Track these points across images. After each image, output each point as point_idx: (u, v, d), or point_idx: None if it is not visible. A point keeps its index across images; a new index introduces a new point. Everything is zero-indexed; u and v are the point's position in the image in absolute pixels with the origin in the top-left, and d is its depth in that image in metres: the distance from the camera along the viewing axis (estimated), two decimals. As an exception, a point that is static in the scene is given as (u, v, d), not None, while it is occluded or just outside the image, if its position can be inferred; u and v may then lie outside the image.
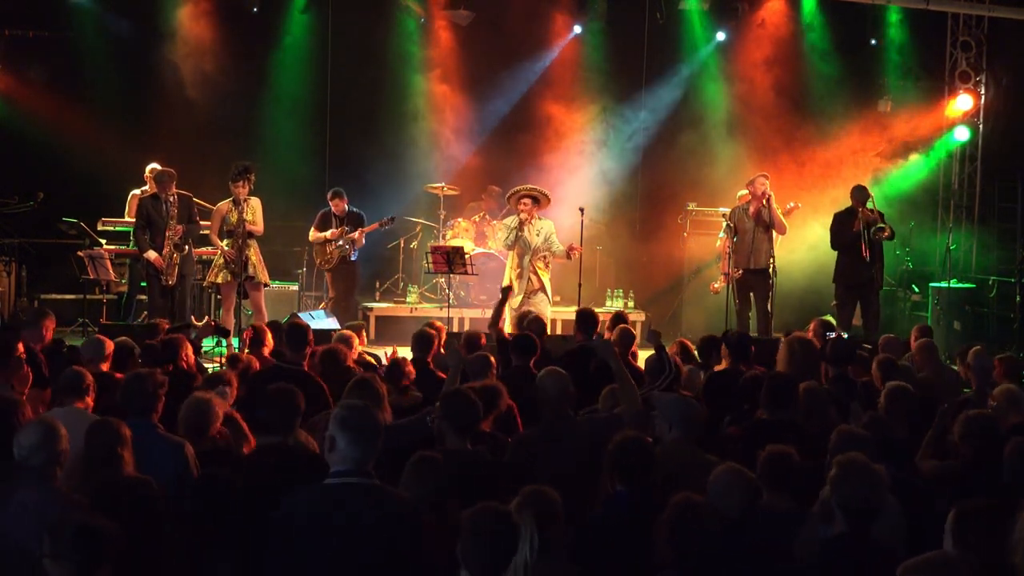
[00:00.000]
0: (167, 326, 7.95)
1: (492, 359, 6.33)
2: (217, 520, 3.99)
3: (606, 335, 7.76)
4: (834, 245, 11.15)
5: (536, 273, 10.35)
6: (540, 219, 10.41)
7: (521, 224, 10.30)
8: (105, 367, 6.30)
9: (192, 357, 6.82)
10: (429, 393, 6.16)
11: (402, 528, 3.71)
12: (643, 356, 7.08)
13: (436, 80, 13.87)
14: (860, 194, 10.97)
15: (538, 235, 10.29)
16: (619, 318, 8.27)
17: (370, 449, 3.78)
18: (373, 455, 3.79)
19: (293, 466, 4.43)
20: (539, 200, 10.45)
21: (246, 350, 7.21)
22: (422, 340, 7.09)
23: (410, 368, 6.73)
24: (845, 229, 10.91)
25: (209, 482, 4.14)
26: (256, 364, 6.76)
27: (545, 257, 10.40)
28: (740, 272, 11.01)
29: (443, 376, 6.40)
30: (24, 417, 4.49)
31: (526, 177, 12.87)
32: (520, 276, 10.33)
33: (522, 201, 10.38)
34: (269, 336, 7.34)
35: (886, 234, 10.87)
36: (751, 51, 14.01)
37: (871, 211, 10.89)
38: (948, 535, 3.41)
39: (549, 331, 11.46)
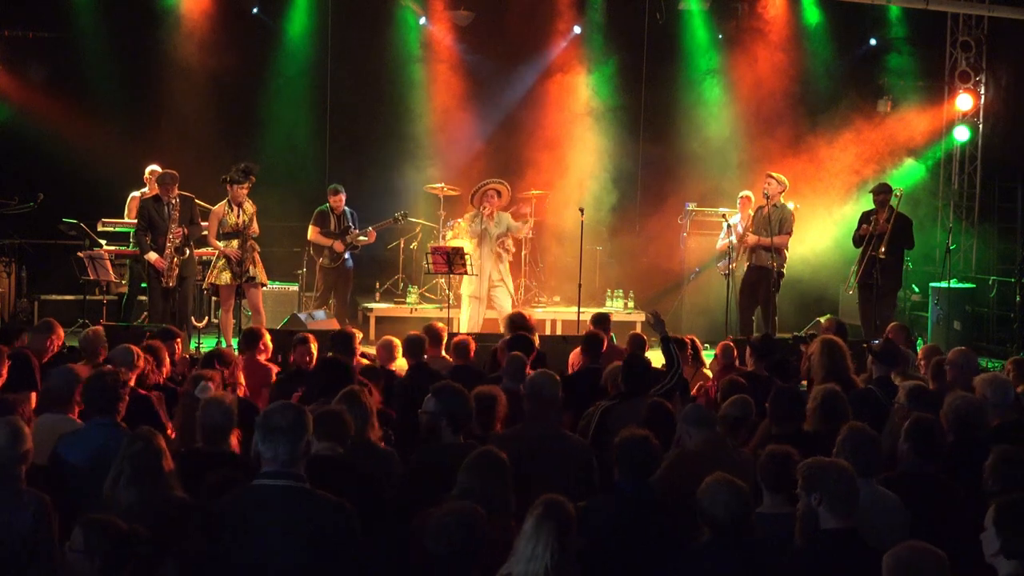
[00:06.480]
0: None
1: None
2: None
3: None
4: (856, 243, 11.15)
5: (496, 266, 11.08)
6: (498, 212, 11.19)
7: (486, 215, 11.05)
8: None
9: (168, 368, 6.51)
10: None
11: (328, 531, 3.68)
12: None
13: (436, 80, 13.86)
14: (878, 192, 10.94)
15: (497, 226, 11.12)
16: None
17: (291, 449, 3.74)
18: (297, 456, 3.76)
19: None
20: (501, 193, 11.24)
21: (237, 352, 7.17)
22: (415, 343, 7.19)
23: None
24: (860, 229, 10.91)
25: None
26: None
27: (503, 242, 11.18)
28: (747, 264, 11.03)
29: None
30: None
31: (525, 178, 12.90)
32: (482, 259, 11.02)
33: (489, 194, 11.13)
34: (267, 339, 7.35)
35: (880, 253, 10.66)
36: (751, 51, 13.99)
37: (878, 214, 10.79)
38: (990, 528, 3.50)
39: (548, 331, 11.57)
